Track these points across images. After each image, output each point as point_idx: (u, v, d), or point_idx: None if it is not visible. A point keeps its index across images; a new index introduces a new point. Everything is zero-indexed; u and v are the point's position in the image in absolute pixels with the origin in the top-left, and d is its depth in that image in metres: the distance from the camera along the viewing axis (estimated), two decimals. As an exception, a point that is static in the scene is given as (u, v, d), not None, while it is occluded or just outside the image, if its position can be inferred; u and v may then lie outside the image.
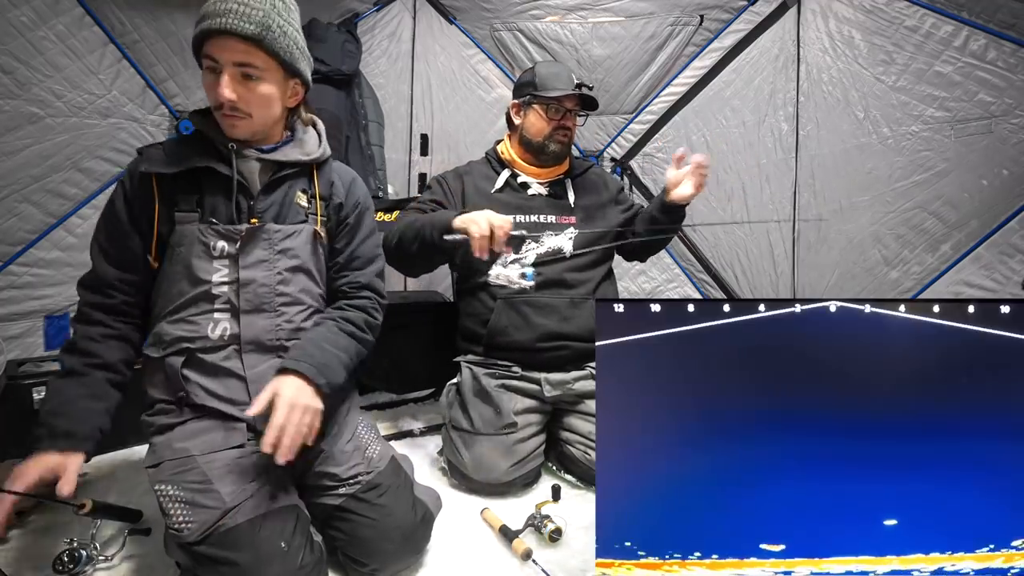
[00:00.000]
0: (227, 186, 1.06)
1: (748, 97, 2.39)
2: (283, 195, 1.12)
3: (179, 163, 1.04)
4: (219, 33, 0.97)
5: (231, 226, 1.06)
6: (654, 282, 2.66)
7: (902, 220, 2.22)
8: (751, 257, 2.52)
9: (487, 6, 2.43)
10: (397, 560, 1.07)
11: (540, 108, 1.53)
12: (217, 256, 1.05)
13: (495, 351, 1.52)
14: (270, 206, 1.10)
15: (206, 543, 0.88)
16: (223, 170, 1.06)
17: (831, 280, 2.39)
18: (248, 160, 1.09)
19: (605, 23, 2.41)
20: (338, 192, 1.21)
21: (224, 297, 1.06)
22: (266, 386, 0.98)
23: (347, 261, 1.23)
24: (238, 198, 1.07)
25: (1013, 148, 2.00)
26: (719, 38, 2.38)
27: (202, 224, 1.05)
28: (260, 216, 1.09)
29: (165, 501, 0.94)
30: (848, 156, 2.27)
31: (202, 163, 1.04)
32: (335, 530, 1.06)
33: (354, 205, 1.24)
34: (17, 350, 1.76)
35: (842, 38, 2.21)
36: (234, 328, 1.06)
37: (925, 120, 2.11)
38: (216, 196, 1.06)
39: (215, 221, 1.05)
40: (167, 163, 1.04)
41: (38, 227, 1.78)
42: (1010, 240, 2.06)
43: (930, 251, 2.20)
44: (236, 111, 1.02)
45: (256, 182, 1.10)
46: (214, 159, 1.06)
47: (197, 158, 1.05)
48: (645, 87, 2.50)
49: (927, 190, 2.16)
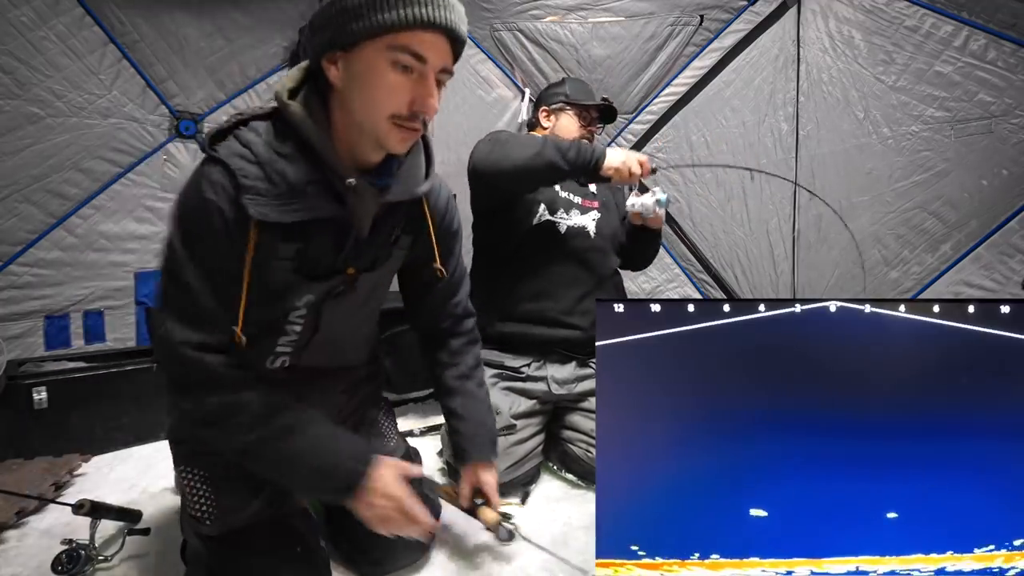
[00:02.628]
0: (337, 230, 0.88)
1: (748, 97, 2.39)
2: (385, 237, 0.96)
3: (293, 207, 0.81)
4: (432, 27, 0.76)
5: (327, 282, 0.91)
6: (654, 282, 2.66)
7: (902, 220, 2.22)
8: (751, 257, 2.52)
9: (487, 6, 2.43)
10: (403, 556, 1.08)
11: (574, 113, 1.64)
12: (300, 304, 0.91)
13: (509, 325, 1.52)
14: (371, 252, 0.95)
15: (223, 540, 0.88)
16: (341, 217, 0.86)
17: (831, 280, 2.39)
18: (363, 199, 0.88)
19: (605, 23, 2.41)
20: (442, 219, 1.06)
21: (292, 337, 0.93)
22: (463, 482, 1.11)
23: (445, 291, 1.12)
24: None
25: (1013, 148, 2.00)
26: (719, 38, 2.38)
27: (296, 275, 0.88)
28: (356, 264, 0.93)
29: (188, 485, 0.93)
30: (848, 156, 2.27)
31: (323, 213, 0.84)
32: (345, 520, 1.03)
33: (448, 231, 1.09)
34: (17, 350, 1.76)
35: (842, 38, 2.20)
36: (294, 360, 0.96)
37: (925, 120, 2.11)
38: (322, 243, 0.88)
39: (316, 274, 0.89)
40: (277, 202, 0.80)
41: (38, 227, 1.78)
42: (1010, 240, 2.06)
43: (930, 251, 2.20)
44: (422, 124, 0.84)
45: (367, 224, 0.91)
46: (330, 199, 0.85)
47: (314, 201, 0.83)
48: (645, 87, 2.50)
49: (927, 190, 2.16)
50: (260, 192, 0.79)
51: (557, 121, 1.65)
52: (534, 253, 1.52)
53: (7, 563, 1.10)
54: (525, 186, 1.47)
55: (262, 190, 0.79)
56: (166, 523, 1.25)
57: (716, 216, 2.51)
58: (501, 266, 1.55)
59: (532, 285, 1.52)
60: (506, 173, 1.39)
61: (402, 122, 0.80)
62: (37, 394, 1.59)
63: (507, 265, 1.54)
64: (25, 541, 1.18)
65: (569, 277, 1.52)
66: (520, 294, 1.52)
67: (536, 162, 1.34)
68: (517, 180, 1.42)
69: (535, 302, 1.51)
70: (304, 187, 0.82)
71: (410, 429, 1.79)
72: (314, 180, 0.83)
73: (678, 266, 2.64)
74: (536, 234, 1.52)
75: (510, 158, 1.36)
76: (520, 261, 1.53)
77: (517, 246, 1.53)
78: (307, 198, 0.82)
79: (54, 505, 1.25)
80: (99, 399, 1.68)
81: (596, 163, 1.35)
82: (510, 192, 1.49)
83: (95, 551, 1.05)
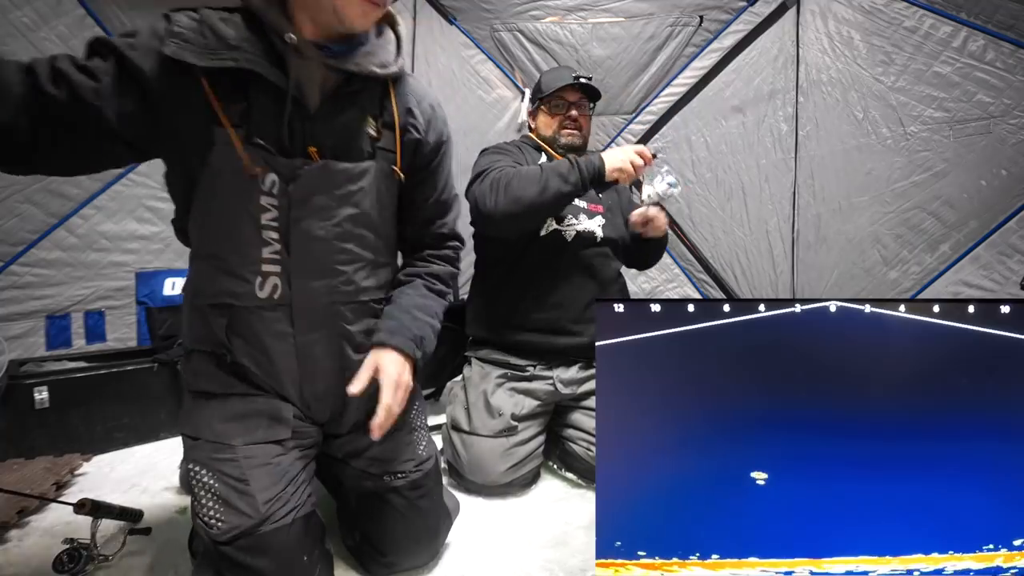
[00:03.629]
0: (277, 95, 0.84)
1: (748, 97, 2.39)
2: (349, 120, 0.91)
3: (218, 55, 0.79)
4: None
5: (287, 159, 0.86)
6: (654, 282, 2.66)
7: (901, 220, 2.22)
8: (751, 257, 2.52)
9: (487, 6, 2.43)
10: (416, 557, 1.07)
11: (545, 107, 1.60)
12: (266, 192, 0.86)
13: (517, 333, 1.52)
14: (332, 133, 0.89)
15: (233, 545, 0.86)
16: (274, 78, 0.82)
17: (831, 280, 2.40)
18: (308, 64, 0.84)
19: (605, 23, 2.41)
20: (417, 123, 0.99)
21: (273, 246, 0.89)
22: (365, 361, 0.94)
23: (431, 211, 1.06)
24: (291, 117, 0.85)
25: (1012, 148, 2.01)
26: (719, 38, 2.38)
27: (250, 147, 0.84)
28: (319, 146, 0.88)
29: (198, 487, 0.90)
30: (847, 156, 2.27)
31: (249, 65, 0.80)
32: (364, 513, 1.04)
33: (437, 142, 1.03)
34: (19, 350, 1.76)
35: (841, 39, 2.21)
36: (285, 289, 0.91)
37: (924, 120, 2.11)
38: (263, 110, 0.84)
39: (265, 145, 0.85)
40: (201, 49, 0.79)
41: (39, 227, 1.78)
42: (1009, 240, 2.07)
43: (929, 251, 2.21)
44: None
45: (315, 95, 0.87)
46: (264, 57, 0.82)
47: (243, 55, 0.80)
48: (645, 87, 2.51)
49: (926, 190, 2.16)
50: (187, 39, 0.79)
51: (536, 120, 1.63)
52: (541, 262, 1.50)
53: (8, 562, 1.10)
54: (538, 222, 1.46)
55: (189, 38, 0.79)
56: (167, 523, 1.25)
57: (716, 216, 2.52)
58: (506, 275, 1.54)
59: (539, 294, 1.50)
60: (518, 216, 1.35)
61: None
62: (38, 394, 1.59)
63: (513, 275, 1.52)
64: (26, 540, 1.18)
65: (576, 284, 1.51)
66: (527, 304, 1.51)
67: (544, 197, 1.32)
68: (530, 220, 1.40)
69: (542, 312, 1.50)
70: (238, 42, 0.80)
71: (410, 429, 1.79)
72: (249, 39, 0.81)
73: (678, 266, 2.65)
74: (543, 244, 1.49)
75: (519, 201, 1.32)
76: (526, 271, 1.51)
77: (523, 256, 1.51)
78: (236, 51, 0.80)
79: (55, 504, 1.25)
80: (100, 399, 1.68)
81: (599, 173, 1.35)
82: (522, 230, 1.46)
83: (96, 550, 1.04)
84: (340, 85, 0.89)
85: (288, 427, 0.94)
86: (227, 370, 0.93)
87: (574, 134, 1.59)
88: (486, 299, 1.59)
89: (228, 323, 0.91)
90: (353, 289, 0.97)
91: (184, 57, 0.78)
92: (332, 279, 0.94)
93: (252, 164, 0.84)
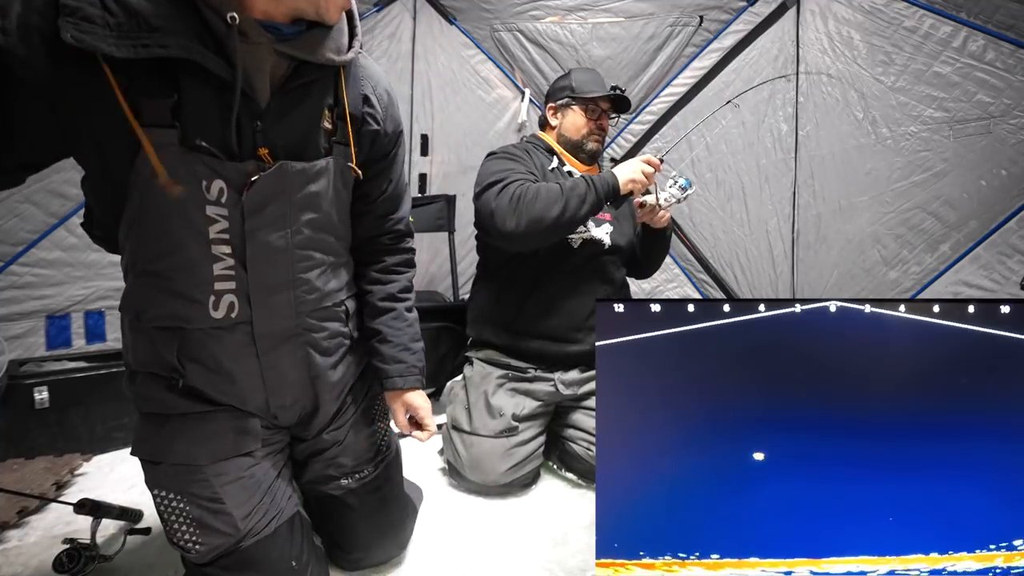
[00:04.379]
0: (219, 88, 0.70)
1: (748, 97, 2.39)
2: (302, 114, 0.79)
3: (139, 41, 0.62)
4: None
5: (235, 163, 0.73)
6: (654, 282, 2.66)
7: (901, 220, 2.22)
8: (751, 257, 2.52)
9: (487, 7, 2.43)
10: (383, 552, 1.08)
11: (579, 108, 1.58)
12: (212, 201, 0.74)
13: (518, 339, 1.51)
14: (285, 131, 0.77)
15: (215, 565, 0.84)
16: (216, 68, 0.68)
17: (831, 280, 2.40)
18: (256, 48, 0.71)
19: (605, 24, 2.41)
20: (375, 112, 0.89)
21: (226, 262, 0.77)
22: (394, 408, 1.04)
23: (385, 205, 0.98)
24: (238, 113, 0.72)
25: (1012, 148, 2.01)
26: (719, 39, 2.38)
27: (186, 149, 0.70)
28: (271, 146, 0.76)
29: (168, 513, 0.84)
30: (847, 156, 2.27)
31: (182, 52, 0.65)
32: (327, 515, 1.04)
33: (395, 131, 0.95)
34: (19, 350, 1.76)
35: (841, 39, 2.21)
36: (244, 307, 0.81)
37: (924, 120, 2.11)
38: (202, 102, 0.70)
39: (207, 146, 0.71)
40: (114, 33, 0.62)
41: (39, 227, 1.78)
42: (1009, 240, 2.07)
43: (929, 251, 2.21)
44: None
45: (264, 87, 0.74)
46: (195, 40, 0.66)
47: (174, 39, 0.64)
48: (645, 87, 2.51)
49: (926, 190, 2.16)
50: (87, 17, 0.60)
51: (563, 119, 1.60)
52: (546, 269, 1.49)
53: (9, 562, 1.10)
54: (556, 239, 1.44)
55: (92, 15, 0.60)
56: (167, 523, 1.25)
57: (716, 216, 2.52)
58: (510, 280, 1.52)
59: (543, 301, 1.50)
60: (537, 236, 1.35)
61: None
62: (38, 394, 1.59)
63: (516, 280, 1.51)
64: (26, 540, 1.18)
65: (581, 291, 1.50)
66: (530, 310, 1.50)
67: (564, 219, 1.33)
68: (547, 239, 1.40)
69: (546, 319, 1.49)
70: (156, 20, 0.63)
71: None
72: (175, 16, 0.64)
73: (678, 266, 2.65)
74: (549, 250, 1.48)
75: (540, 222, 1.32)
76: (531, 277, 1.50)
77: (528, 261, 1.49)
78: (161, 34, 0.63)
79: (55, 504, 1.25)
80: (100, 399, 1.68)
81: (614, 189, 1.37)
82: (538, 247, 1.44)
83: (96, 550, 1.04)
84: (291, 75, 0.76)
85: (256, 438, 0.89)
86: (180, 392, 0.83)
87: (600, 141, 1.60)
88: (489, 302, 1.59)
89: (179, 346, 0.81)
90: (316, 296, 0.89)
91: (93, 46, 0.60)
92: (294, 290, 0.85)
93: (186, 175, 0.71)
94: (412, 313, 1.06)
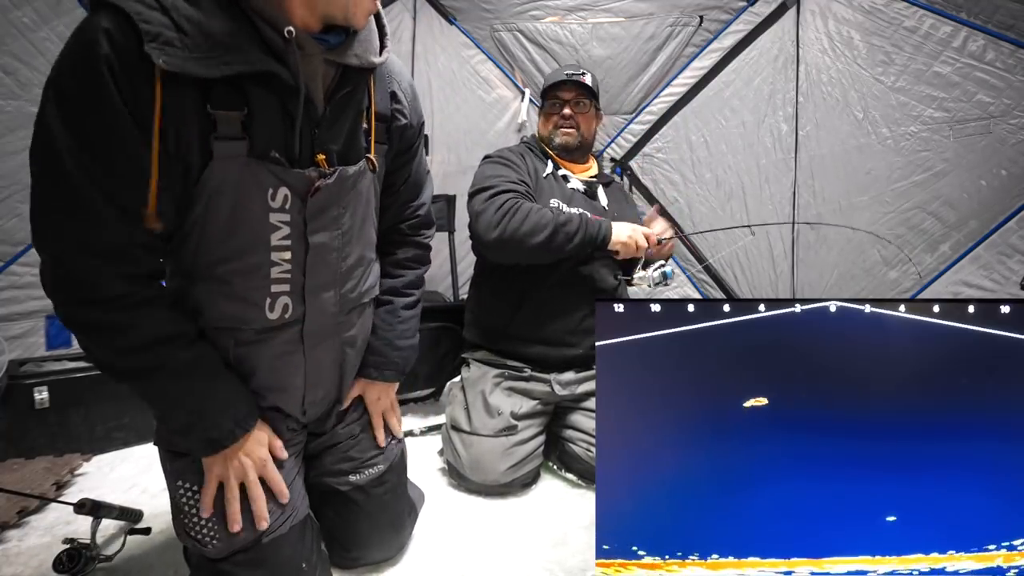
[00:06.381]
0: (283, 99, 0.73)
1: (748, 97, 2.39)
2: (348, 117, 0.82)
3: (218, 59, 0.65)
4: None
5: (298, 170, 0.77)
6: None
7: (901, 220, 2.23)
8: (751, 257, 2.52)
9: (487, 6, 2.43)
10: (381, 552, 1.08)
11: (545, 104, 1.61)
12: (276, 208, 0.77)
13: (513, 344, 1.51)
14: (337, 136, 0.81)
15: (229, 561, 0.84)
16: (287, 78, 0.71)
17: (831, 280, 2.40)
18: (310, 59, 0.74)
19: (605, 23, 2.41)
20: (402, 107, 0.93)
21: (283, 266, 0.81)
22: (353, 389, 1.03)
23: (406, 194, 1.02)
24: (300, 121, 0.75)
25: (1012, 148, 2.01)
26: (719, 39, 2.38)
27: (256, 160, 0.73)
28: (326, 152, 0.80)
29: (190, 506, 0.86)
30: (847, 156, 2.28)
31: (261, 66, 0.68)
32: (329, 510, 1.04)
33: (419, 123, 0.98)
34: (19, 350, 1.76)
35: (841, 39, 2.21)
36: (298, 306, 0.84)
37: (924, 120, 2.11)
38: (269, 113, 0.73)
39: (275, 155, 0.75)
40: (195, 54, 0.64)
41: (39, 227, 1.78)
42: (1009, 240, 2.07)
43: (929, 251, 2.21)
44: None
45: (320, 94, 0.78)
46: (264, 52, 0.69)
47: (244, 55, 0.67)
48: (645, 87, 2.51)
49: (926, 190, 2.17)
50: (169, 41, 0.63)
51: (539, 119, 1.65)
52: (541, 273, 1.48)
53: (9, 562, 1.10)
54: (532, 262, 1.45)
55: (172, 39, 0.63)
56: (167, 523, 1.25)
57: (716, 216, 2.52)
58: (503, 283, 1.52)
59: (536, 306, 1.49)
60: (515, 255, 1.40)
61: None
62: (38, 394, 1.59)
63: (510, 283, 1.50)
64: (26, 540, 1.18)
65: (575, 296, 1.50)
66: (524, 315, 1.50)
67: (546, 248, 1.36)
68: (525, 259, 1.42)
69: (541, 324, 1.49)
70: (227, 38, 0.66)
71: (410, 429, 1.79)
72: (238, 31, 0.67)
73: (678, 266, 2.65)
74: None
75: (521, 245, 1.35)
76: (524, 281, 1.49)
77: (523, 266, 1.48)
78: (234, 51, 0.66)
79: (55, 504, 1.25)
80: (100, 399, 1.67)
81: (603, 241, 1.39)
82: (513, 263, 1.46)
83: (96, 550, 1.04)
84: (339, 81, 0.79)
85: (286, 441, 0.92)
86: None
87: (569, 133, 1.59)
88: (483, 307, 1.59)
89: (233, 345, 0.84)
90: (357, 295, 0.94)
91: (182, 68, 0.63)
92: (340, 288, 0.90)
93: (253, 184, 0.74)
94: (410, 310, 1.08)
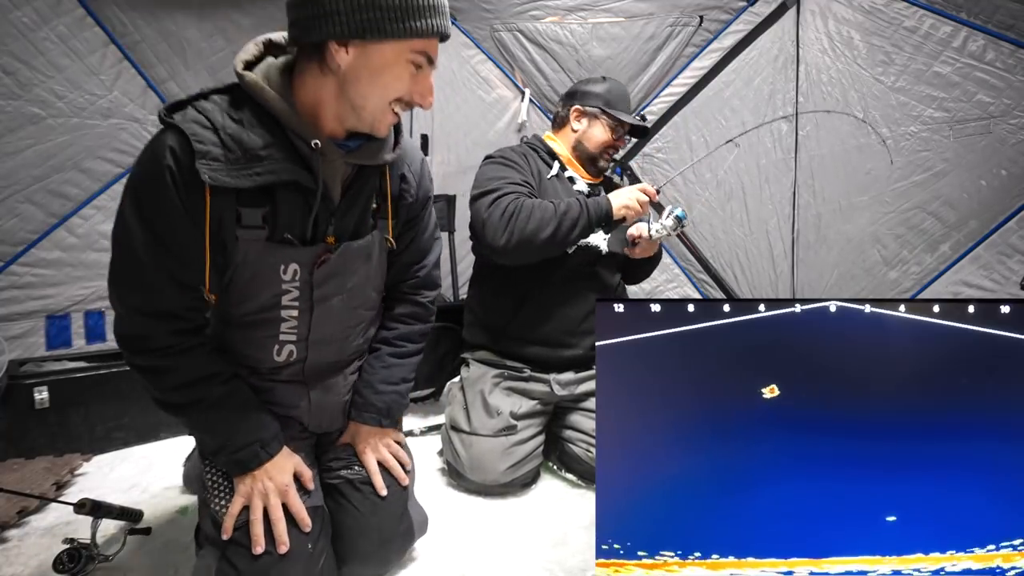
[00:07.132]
0: (304, 195, 0.90)
1: (748, 97, 2.39)
2: (360, 203, 0.98)
3: (251, 171, 0.83)
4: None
5: (309, 248, 0.93)
6: (654, 282, 2.66)
7: (901, 220, 2.22)
8: (751, 257, 2.52)
9: (487, 6, 2.43)
10: (363, 564, 1.04)
11: (607, 124, 1.57)
12: (287, 280, 0.93)
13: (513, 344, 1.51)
14: (349, 220, 0.97)
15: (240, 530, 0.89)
16: (307, 183, 0.88)
17: (831, 280, 2.40)
18: (331, 163, 0.91)
19: (605, 24, 2.41)
20: (410, 187, 1.06)
21: (291, 322, 0.97)
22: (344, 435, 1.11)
23: (409, 259, 1.13)
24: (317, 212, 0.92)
25: (1012, 148, 2.01)
26: (719, 39, 2.38)
27: (273, 243, 0.90)
28: (337, 232, 0.96)
29: (212, 485, 0.96)
30: (847, 156, 2.27)
31: (286, 176, 0.85)
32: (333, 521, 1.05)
33: (424, 198, 1.10)
34: (19, 350, 1.76)
35: (841, 39, 2.21)
36: (301, 352, 1.00)
37: (924, 120, 2.11)
38: (290, 208, 0.89)
39: (292, 240, 0.91)
40: (235, 168, 0.82)
41: (39, 227, 1.78)
42: (1009, 240, 2.07)
43: (929, 251, 2.21)
44: None
45: (337, 189, 0.94)
46: (292, 162, 0.86)
47: (274, 165, 0.84)
48: (645, 87, 2.51)
49: (926, 190, 2.16)
50: (215, 157, 0.81)
51: (588, 127, 1.58)
52: (541, 275, 1.48)
53: (9, 562, 1.11)
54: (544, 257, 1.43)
55: (218, 155, 0.81)
56: (167, 523, 1.25)
57: (716, 216, 2.52)
58: (503, 284, 1.52)
59: (537, 307, 1.49)
60: (526, 254, 1.38)
61: (401, 107, 0.90)
62: (38, 394, 1.59)
63: (510, 284, 1.51)
64: (26, 540, 1.18)
65: (575, 297, 1.50)
66: (524, 316, 1.50)
67: (554, 241, 1.35)
68: (535, 257, 1.41)
69: (540, 325, 1.49)
70: (262, 151, 0.83)
71: (410, 429, 1.79)
72: (273, 144, 0.85)
73: (678, 266, 2.65)
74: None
75: (530, 242, 1.34)
76: (524, 282, 1.49)
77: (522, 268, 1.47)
78: (266, 162, 0.84)
79: (55, 504, 1.26)
80: (100, 399, 1.68)
81: (607, 213, 1.39)
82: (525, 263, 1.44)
83: (96, 550, 1.04)
84: (355, 177, 0.96)
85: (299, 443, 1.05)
86: None
87: (610, 159, 1.63)
88: (483, 307, 1.59)
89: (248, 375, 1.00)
90: (355, 348, 1.09)
91: (224, 183, 0.81)
92: (341, 343, 1.05)
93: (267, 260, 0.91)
94: (399, 359, 1.14)
